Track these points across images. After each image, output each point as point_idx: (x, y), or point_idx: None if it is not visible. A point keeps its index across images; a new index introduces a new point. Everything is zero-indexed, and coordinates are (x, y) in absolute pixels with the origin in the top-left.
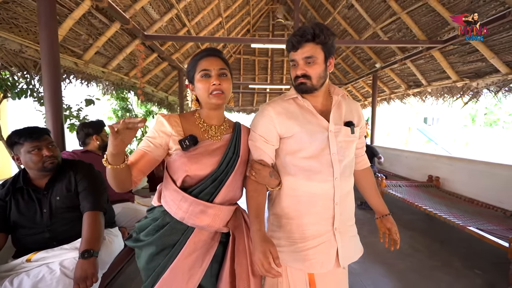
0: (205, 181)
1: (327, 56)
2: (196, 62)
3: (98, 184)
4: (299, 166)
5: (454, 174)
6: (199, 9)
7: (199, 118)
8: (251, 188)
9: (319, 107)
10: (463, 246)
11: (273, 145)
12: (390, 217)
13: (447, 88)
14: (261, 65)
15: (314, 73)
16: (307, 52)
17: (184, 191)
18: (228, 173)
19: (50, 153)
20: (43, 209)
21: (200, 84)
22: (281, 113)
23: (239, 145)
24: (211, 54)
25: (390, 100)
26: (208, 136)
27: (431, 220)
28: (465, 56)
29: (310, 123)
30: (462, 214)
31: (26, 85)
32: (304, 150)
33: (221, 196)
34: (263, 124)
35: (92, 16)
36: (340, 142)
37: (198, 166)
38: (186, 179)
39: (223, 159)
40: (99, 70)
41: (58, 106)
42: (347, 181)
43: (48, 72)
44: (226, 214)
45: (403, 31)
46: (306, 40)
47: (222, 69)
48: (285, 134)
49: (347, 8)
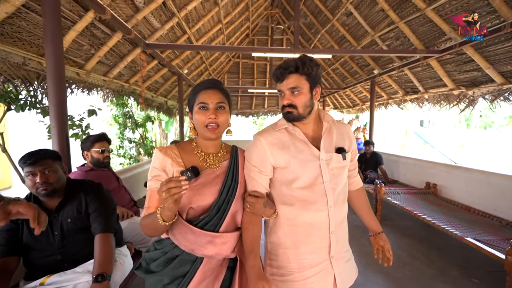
0: (209, 213)
1: (312, 86)
2: (196, 93)
3: (108, 205)
4: (295, 196)
5: (451, 181)
6: (200, 17)
7: (196, 147)
8: (246, 220)
9: (310, 134)
10: (459, 254)
11: (267, 175)
12: (383, 235)
13: (444, 96)
14: (260, 69)
15: (299, 102)
16: (291, 83)
17: (190, 223)
18: (230, 201)
19: (42, 179)
20: (54, 231)
21: (197, 116)
22: (273, 144)
23: (237, 172)
24: (210, 87)
25: (387, 105)
26: (207, 164)
27: (428, 227)
28: (461, 66)
29: (301, 152)
30: (459, 223)
31: (30, 97)
32: (298, 180)
33: (226, 224)
34: (257, 155)
35: (95, 27)
36: (332, 170)
37: (201, 197)
38: (189, 211)
39: (222, 188)
40: (100, 78)
41: (64, 120)
42: (341, 209)
43: (53, 86)
44: (233, 241)
45: (401, 40)
46: (289, 72)
47: (220, 102)
48: (278, 164)
49: (346, 15)
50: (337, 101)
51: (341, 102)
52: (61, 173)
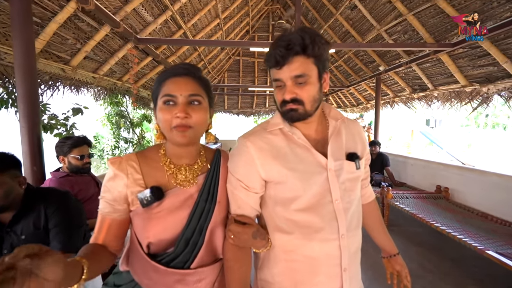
0: (175, 250)
1: (321, 72)
2: (160, 82)
3: (73, 219)
4: (294, 220)
5: (465, 185)
6: (196, 11)
7: (164, 156)
8: (231, 256)
9: (313, 136)
10: (476, 266)
11: (257, 193)
12: (399, 258)
13: (455, 93)
14: (261, 67)
15: (306, 96)
16: (296, 69)
17: (153, 258)
18: (203, 230)
19: None
20: (4, 249)
21: (161, 113)
22: (263, 150)
23: (216, 187)
24: (180, 73)
25: (393, 104)
26: (177, 182)
27: (439, 234)
28: (475, 60)
29: (303, 162)
30: (476, 232)
31: (7, 95)
32: (299, 199)
33: (200, 259)
34: (242, 165)
35: (79, 19)
36: (343, 183)
37: (161, 228)
38: (150, 246)
39: (193, 212)
40: (89, 75)
41: (35, 119)
42: (355, 236)
43: (22, 81)
44: (212, 276)
45: (409, 33)
46: (294, 53)
47: (194, 95)
48: (271, 178)
49: (350, 9)
50: (340, 100)
51: (344, 101)
52: (10, 186)
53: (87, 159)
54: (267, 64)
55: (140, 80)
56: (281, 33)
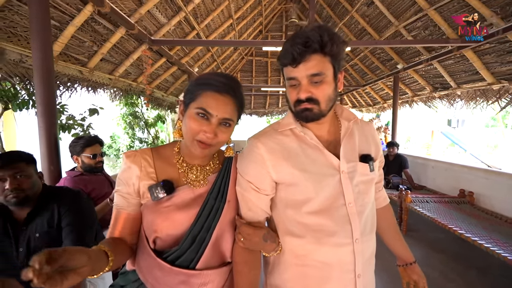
0: (180, 246)
1: (336, 71)
2: (200, 90)
3: (85, 218)
4: (305, 224)
5: (491, 189)
6: (209, 11)
7: (178, 154)
8: (240, 259)
9: (325, 137)
10: (505, 276)
11: (267, 195)
12: (416, 266)
13: (480, 91)
14: (274, 67)
15: (322, 95)
16: (313, 67)
17: (159, 255)
18: (211, 228)
19: (13, 185)
20: (19, 247)
21: (191, 122)
22: (274, 151)
23: (227, 186)
24: (224, 91)
25: (412, 103)
26: (187, 180)
27: (463, 241)
28: (503, 56)
29: (315, 163)
30: (506, 241)
31: (28, 96)
32: (311, 201)
33: (206, 259)
34: (252, 167)
35: (96, 22)
36: (357, 186)
37: (169, 223)
38: (156, 241)
39: (202, 209)
40: (106, 77)
41: (53, 119)
42: (370, 241)
43: (41, 83)
44: (218, 280)
45: (430, 29)
46: (312, 50)
47: (228, 119)
48: (282, 180)
49: (366, 5)
50: (355, 100)
51: (360, 101)
52: (36, 178)
53: (99, 158)
54: (281, 61)
55: (154, 81)
56: (295, 31)
